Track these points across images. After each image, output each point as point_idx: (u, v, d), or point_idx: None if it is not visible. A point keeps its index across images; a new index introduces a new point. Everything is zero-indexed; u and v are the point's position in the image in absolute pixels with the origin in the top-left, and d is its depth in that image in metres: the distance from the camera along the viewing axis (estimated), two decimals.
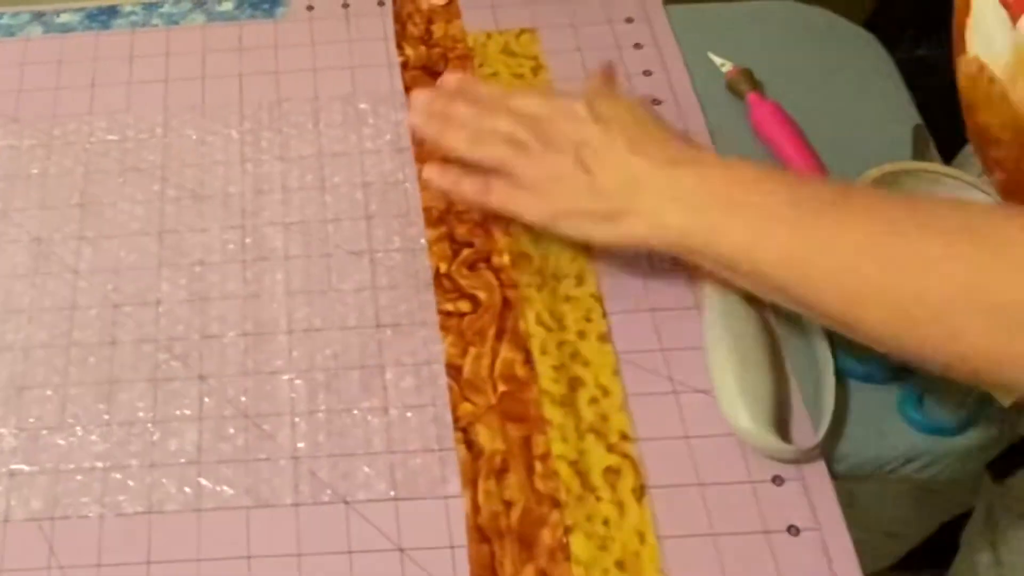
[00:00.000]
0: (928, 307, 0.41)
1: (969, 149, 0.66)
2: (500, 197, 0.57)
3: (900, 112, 0.66)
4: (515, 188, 0.56)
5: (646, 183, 0.51)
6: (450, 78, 0.62)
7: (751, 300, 0.56)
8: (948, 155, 0.67)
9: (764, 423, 0.51)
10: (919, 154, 0.62)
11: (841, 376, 0.54)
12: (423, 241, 0.61)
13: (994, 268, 0.40)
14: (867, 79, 0.68)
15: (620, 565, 0.50)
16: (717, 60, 0.68)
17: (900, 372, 0.54)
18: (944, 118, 0.65)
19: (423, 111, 0.59)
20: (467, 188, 0.58)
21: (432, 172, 0.59)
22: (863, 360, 0.55)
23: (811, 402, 0.54)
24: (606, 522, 0.51)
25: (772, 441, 0.51)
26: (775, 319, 0.56)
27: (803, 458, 0.52)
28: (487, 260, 0.60)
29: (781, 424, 0.53)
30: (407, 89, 0.68)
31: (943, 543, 0.78)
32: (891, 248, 0.43)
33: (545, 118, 0.56)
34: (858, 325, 0.45)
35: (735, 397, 0.52)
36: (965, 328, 0.40)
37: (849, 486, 0.53)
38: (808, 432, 0.53)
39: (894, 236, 0.43)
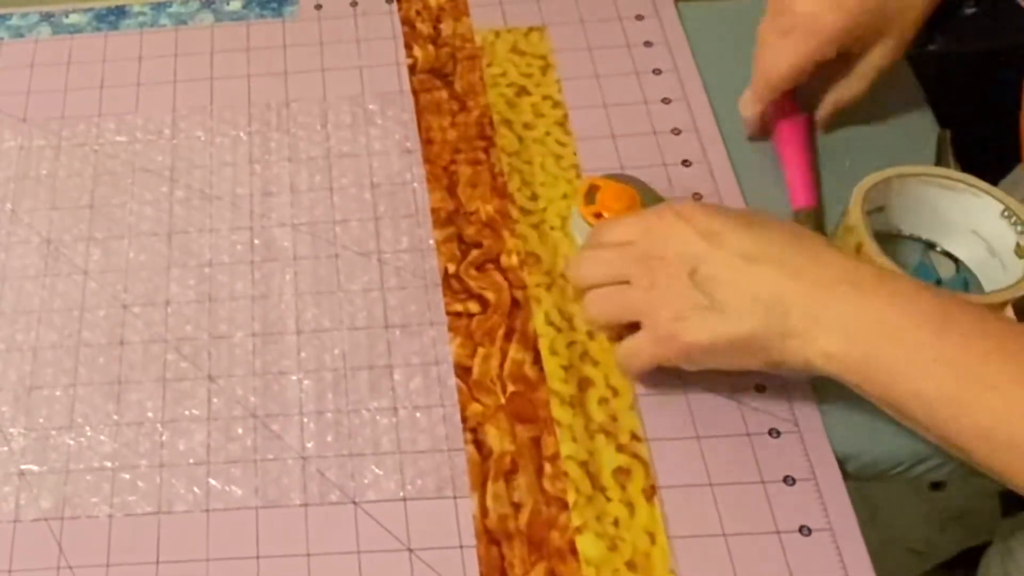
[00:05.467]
0: None
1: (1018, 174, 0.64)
2: (638, 360, 0.52)
3: (911, 109, 0.66)
4: (645, 339, 0.51)
5: (792, 306, 0.46)
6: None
7: None
8: (960, 150, 0.66)
9: None
10: (941, 159, 0.62)
11: None
12: (431, 242, 0.61)
13: None
14: None
15: (630, 565, 0.49)
16: None
17: None
18: (955, 114, 0.64)
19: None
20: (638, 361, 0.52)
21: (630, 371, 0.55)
22: None
23: None
24: (616, 522, 0.50)
25: None
26: None
27: None
28: (496, 261, 0.60)
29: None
30: (415, 93, 0.68)
31: (965, 568, 0.77)
32: None
33: (647, 247, 0.51)
34: (1010, 477, 0.42)
35: None
36: None
37: (873, 499, 0.53)
38: None
39: None
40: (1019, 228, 0.54)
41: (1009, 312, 0.50)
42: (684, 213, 0.50)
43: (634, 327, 0.52)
